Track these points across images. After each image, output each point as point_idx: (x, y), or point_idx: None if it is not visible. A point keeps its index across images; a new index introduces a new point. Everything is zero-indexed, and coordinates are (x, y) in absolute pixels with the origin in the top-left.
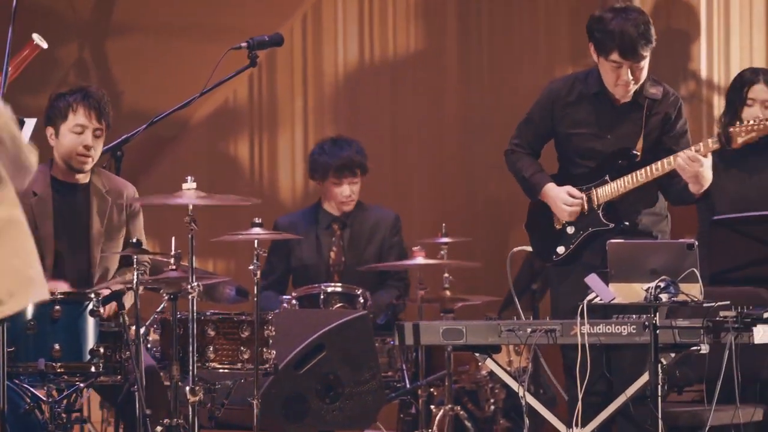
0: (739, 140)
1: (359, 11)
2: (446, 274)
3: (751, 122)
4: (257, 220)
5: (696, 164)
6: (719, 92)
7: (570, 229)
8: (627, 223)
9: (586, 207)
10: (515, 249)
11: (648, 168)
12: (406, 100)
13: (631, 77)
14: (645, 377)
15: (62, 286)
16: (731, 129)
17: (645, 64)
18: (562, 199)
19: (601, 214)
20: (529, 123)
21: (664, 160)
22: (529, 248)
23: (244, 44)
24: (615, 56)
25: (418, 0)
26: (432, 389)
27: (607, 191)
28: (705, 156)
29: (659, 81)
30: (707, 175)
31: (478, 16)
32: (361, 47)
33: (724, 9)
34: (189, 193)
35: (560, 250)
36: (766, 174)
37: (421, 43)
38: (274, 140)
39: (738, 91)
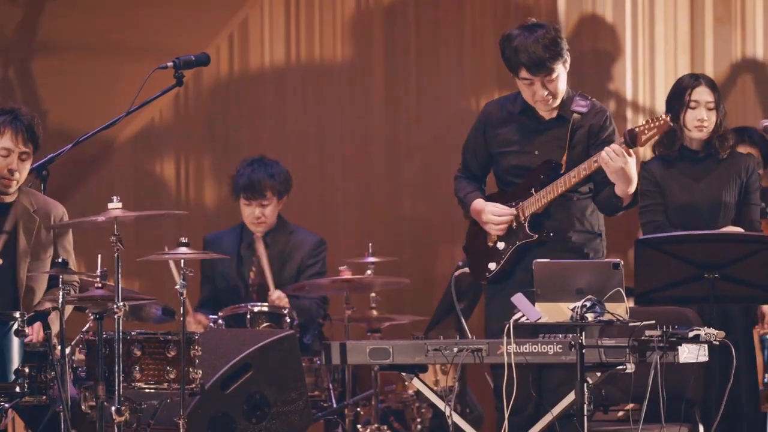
0: (643, 138)
1: (286, 30)
2: (373, 294)
3: (651, 121)
4: (183, 240)
5: (620, 159)
6: (644, 112)
7: (501, 245)
8: (551, 234)
9: (515, 222)
10: (458, 271)
11: (568, 174)
12: (333, 119)
13: (545, 92)
14: (571, 396)
15: None
16: (635, 129)
17: (558, 76)
18: (489, 211)
19: (526, 227)
20: (467, 148)
21: (585, 163)
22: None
23: (170, 64)
24: (524, 73)
25: (345, 19)
26: (359, 409)
27: (531, 203)
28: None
29: (588, 96)
30: (632, 173)
31: (405, 37)
32: (288, 66)
33: (648, 29)
34: (115, 212)
35: (492, 266)
36: (711, 181)
37: (347, 62)
38: (200, 159)
39: (680, 95)
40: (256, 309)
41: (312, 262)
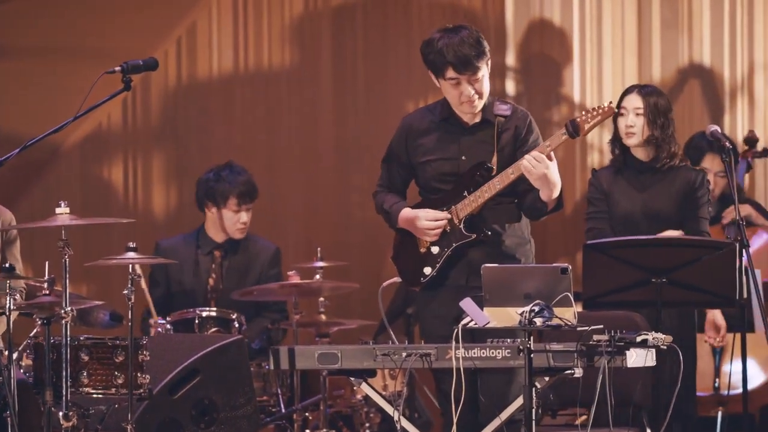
0: (586, 126)
1: (234, 35)
2: (322, 299)
3: (595, 109)
4: (131, 245)
5: (541, 165)
6: None
7: (435, 249)
8: (489, 233)
9: (448, 226)
10: (385, 283)
11: (504, 173)
12: (281, 123)
13: (472, 91)
14: (519, 400)
15: None
16: (577, 118)
17: (483, 76)
18: (423, 217)
19: (462, 228)
20: (388, 161)
21: (517, 163)
22: (399, 279)
23: (118, 68)
24: (450, 72)
25: (293, 22)
26: (307, 414)
27: (466, 204)
28: (554, 155)
29: (507, 101)
30: (554, 178)
31: (353, 41)
32: (236, 70)
33: (596, 34)
34: (62, 217)
35: (427, 270)
36: (653, 192)
37: (296, 67)
38: (148, 163)
39: (619, 104)
40: (204, 314)
41: (273, 272)
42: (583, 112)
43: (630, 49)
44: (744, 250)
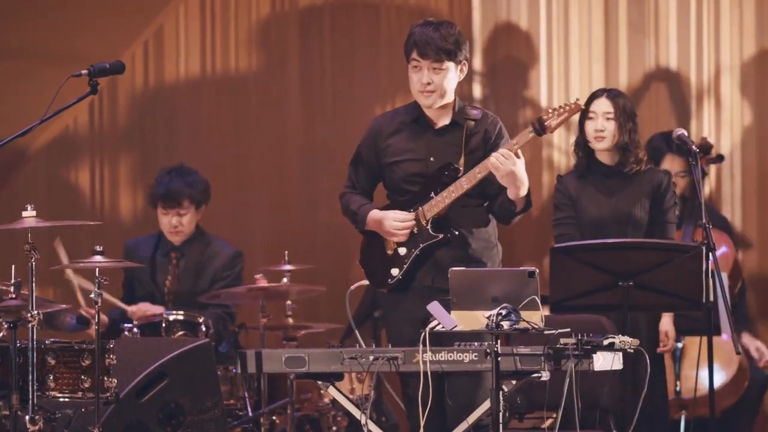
0: (553, 124)
1: (201, 38)
2: (289, 302)
3: (561, 106)
4: (98, 248)
5: (509, 162)
6: None
7: (402, 251)
8: (456, 233)
9: (415, 227)
10: (353, 286)
11: (471, 172)
12: (248, 126)
13: (429, 80)
14: (486, 404)
15: None
16: (544, 116)
17: (447, 70)
18: (391, 217)
19: (430, 229)
20: (357, 162)
21: (484, 161)
22: (366, 282)
23: (84, 71)
24: (414, 54)
25: (260, 25)
26: (274, 417)
27: (433, 204)
28: (520, 153)
29: (478, 107)
30: (522, 176)
31: (320, 44)
32: (203, 73)
33: (563, 37)
34: (29, 220)
35: (394, 272)
36: (622, 196)
37: (263, 69)
38: (115, 167)
39: (586, 107)
40: (171, 317)
41: (226, 274)
42: (550, 110)
43: (597, 52)
44: (710, 254)
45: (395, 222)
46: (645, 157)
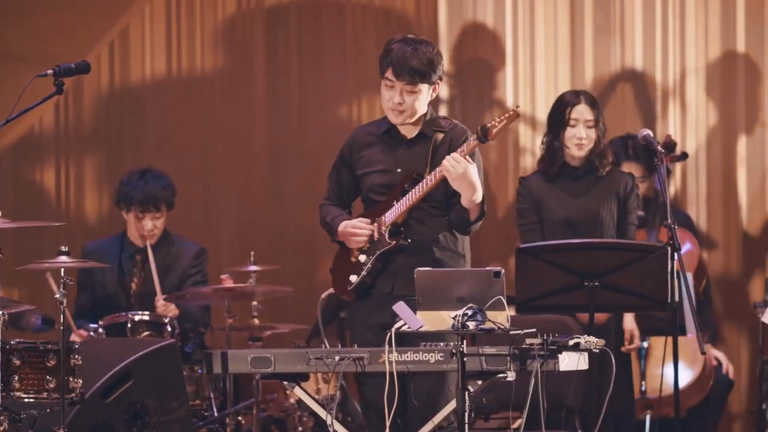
0: (494, 131)
1: (167, 37)
2: (255, 303)
3: (501, 115)
4: (64, 248)
5: (460, 165)
6: (525, 119)
7: (362, 258)
8: (409, 240)
9: (376, 235)
10: (324, 294)
11: (424, 180)
12: (215, 126)
13: (399, 99)
14: (452, 404)
15: None
16: (488, 124)
17: (420, 92)
18: (351, 225)
19: (386, 235)
20: (333, 174)
21: (438, 167)
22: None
23: (50, 71)
24: (389, 73)
25: (226, 25)
26: (240, 418)
27: (391, 212)
28: (469, 156)
29: (450, 119)
30: (473, 179)
31: (286, 44)
32: (169, 73)
33: (529, 38)
34: None
35: (353, 278)
36: (590, 197)
37: (229, 68)
38: (80, 167)
39: (560, 113)
40: (137, 318)
41: (194, 271)
42: (495, 118)
43: (563, 53)
44: (675, 254)
45: (351, 229)
46: (612, 158)
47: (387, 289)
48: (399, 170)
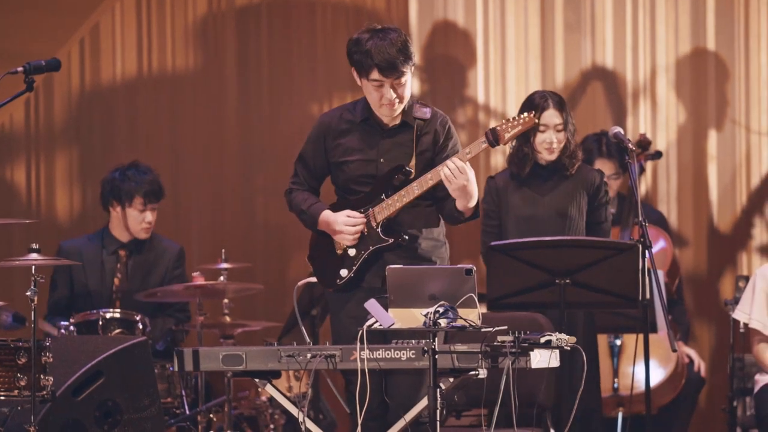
0: (506, 136)
1: (137, 35)
2: (226, 300)
3: (515, 118)
4: (34, 246)
5: (462, 177)
6: (496, 117)
7: (351, 252)
8: (406, 237)
9: (365, 228)
10: (300, 282)
11: (423, 178)
12: (185, 124)
13: (394, 95)
14: (424, 401)
15: None
16: (497, 127)
17: (406, 81)
18: (342, 221)
19: (380, 232)
20: (303, 159)
21: (436, 169)
22: (314, 279)
23: (20, 69)
24: (375, 74)
25: (197, 24)
26: (212, 415)
27: (383, 208)
28: (468, 162)
29: (427, 104)
30: (472, 190)
31: (257, 42)
32: (140, 71)
33: (500, 37)
34: None
35: (343, 273)
36: (557, 194)
37: (200, 67)
38: (51, 164)
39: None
40: (108, 315)
41: (178, 272)
42: (504, 121)
43: (533, 52)
44: (647, 251)
45: (346, 226)
46: (582, 156)
47: (377, 284)
48: (382, 160)
